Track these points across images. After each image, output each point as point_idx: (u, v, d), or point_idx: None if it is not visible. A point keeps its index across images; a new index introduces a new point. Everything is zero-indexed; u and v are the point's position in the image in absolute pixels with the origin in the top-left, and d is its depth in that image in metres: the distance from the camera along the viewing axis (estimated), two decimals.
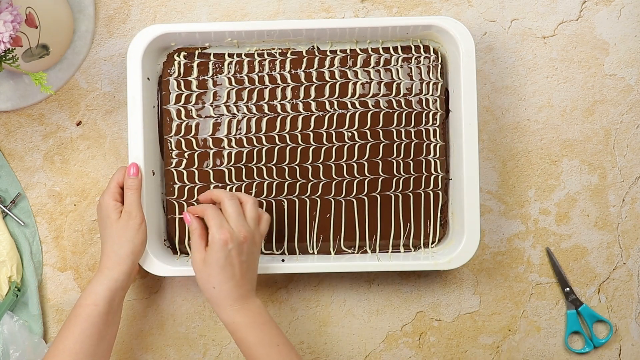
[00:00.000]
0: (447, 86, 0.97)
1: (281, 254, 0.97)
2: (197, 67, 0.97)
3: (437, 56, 0.97)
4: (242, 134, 0.96)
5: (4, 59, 0.83)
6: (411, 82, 0.96)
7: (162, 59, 0.97)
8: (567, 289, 1.00)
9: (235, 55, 0.97)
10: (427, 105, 0.96)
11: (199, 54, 0.97)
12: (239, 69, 0.97)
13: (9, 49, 0.81)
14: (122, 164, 1.00)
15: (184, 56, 0.97)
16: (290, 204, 0.96)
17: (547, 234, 1.01)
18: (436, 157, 0.96)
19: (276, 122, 0.96)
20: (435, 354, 1.01)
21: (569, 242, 1.01)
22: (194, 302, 1.01)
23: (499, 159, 1.01)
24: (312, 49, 0.97)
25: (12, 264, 0.97)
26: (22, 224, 0.99)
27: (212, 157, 0.96)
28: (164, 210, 0.98)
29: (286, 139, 0.96)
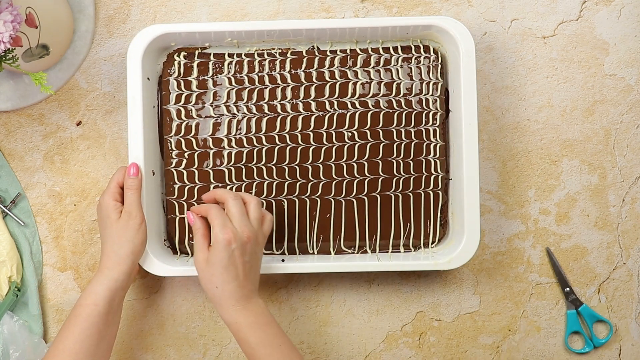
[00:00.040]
0: (447, 86, 0.97)
1: (281, 254, 0.97)
2: (197, 67, 0.97)
3: (437, 56, 0.97)
4: (242, 134, 0.96)
5: (4, 59, 0.83)
6: (411, 82, 0.96)
7: (162, 59, 0.97)
8: (567, 289, 1.00)
9: (235, 55, 0.97)
10: (427, 105, 0.96)
11: (199, 54, 0.97)
12: (239, 69, 0.97)
13: (9, 49, 0.81)
14: (122, 164, 1.00)
15: (184, 56, 0.97)
16: (290, 204, 0.96)
17: (547, 234, 1.01)
18: (436, 157, 0.96)
19: (276, 122, 0.96)
20: (435, 354, 1.01)
21: (569, 242, 1.01)
22: (194, 302, 1.01)
23: (499, 159, 1.01)
24: (312, 49, 0.97)
25: (12, 264, 0.97)
26: (22, 224, 0.99)
27: (212, 157, 0.96)
28: (164, 210, 0.98)
29: (286, 139, 0.96)
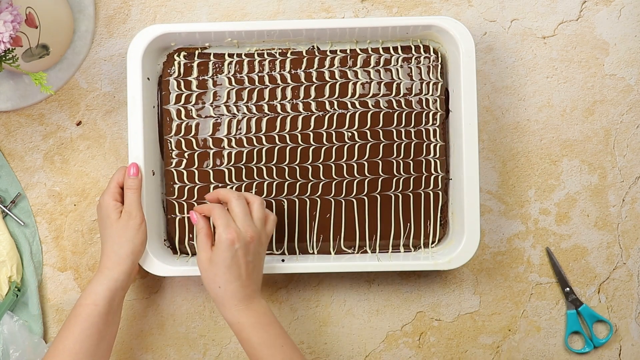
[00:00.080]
0: (447, 86, 0.97)
1: (281, 254, 0.97)
2: (197, 67, 0.97)
3: (437, 56, 0.97)
4: (242, 134, 0.96)
5: (4, 59, 0.83)
6: (411, 82, 0.96)
7: (162, 59, 0.97)
8: (567, 289, 1.00)
9: (235, 55, 0.97)
10: (427, 105, 0.96)
11: (199, 54, 0.97)
12: (239, 69, 0.97)
13: (9, 49, 0.81)
14: (122, 164, 1.00)
15: (184, 56, 0.97)
16: (290, 204, 0.96)
17: (547, 234, 1.01)
18: (436, 157, 0.96)
19: (276, 122, 0.96)
20: (435, 354, 1.01)
21: (569, 242, 1.01)
22: (194, 302, 1.01)
23: (499, 159, 1.01)
24: (312, 49, 0.97)
25: (12, 264, 0.97)
26: (22, 224, 0.99)
27: (212, 157, 0.96)
28: (164, 210, 0.98)
29: (286, 139, 0.96)
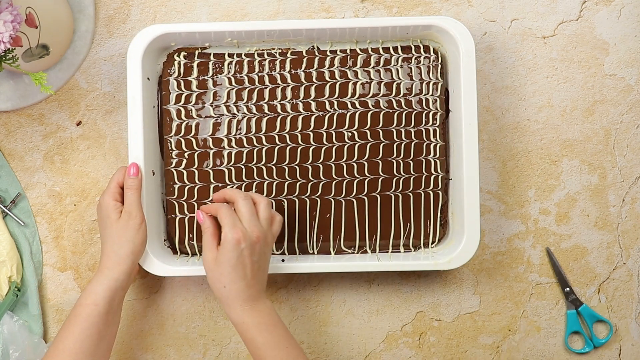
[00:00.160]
0: (447, 86, 0.97)
1: (281, 254, 0.97)
2: (197, 67, 0.97)
3: (437, 56, 0.97)
4: (242, 134, 0.96)
5: (4, 59, 0.83)
6: (411, 82, 0.96)
7: (162, 59, 0.97)
8: (567, 289, 1.00)
9: (235, 55, 0.97)
10: (427, 105, 0.96)
11: (199, 54, 0.97)
12: (239, 69, 0.97)
13: (9, 49, 0.81)
14: (122, 164, 1.00)
15: (184, 56, 0.97)
16: (290, 204, 0.96)
17: (547, 234, 1.01)
18: (436, 157, 0.96)
19: (276, 122, 0.96)
20: (435, 354, 1.01)
21: (569, 242, 1.01)
22: (194, 302, 1.01)
23: (499, 159, 1.01)
24: (312, 49, 0.97)
25: (12, 264, 0.97)
26: (22, 224, 0.99)
27: (212, 157, 0.96)
28: (164, 210, 0.98)
29: (286, 139, 0.96)
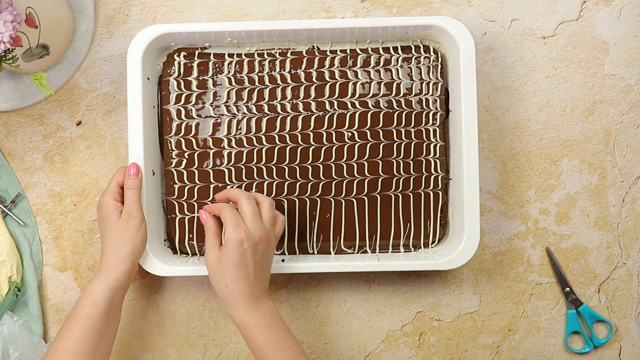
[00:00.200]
0: (447, 86, 0.97)
1: (281, 254, 0.97)
2: (197, 67, 0.97)
3: (437, 56, 0.97)
4: (242, 134, 0.96)
5: (4, 59, 0.83)
6: (411, 82, 0.96)
7: (162, 59, 0.97)
8: (567, 289, 1.00)
9: (235, 55, 0.97)
10: (427, 105, 0.96)
11: (199, 54, 0.97)
12: (239, 69, 0.97)
13: (9, 49, 0.81)
14: (122, 164, 1.00)
15: (184, 56, 0.97)
16: (290, 204, 0.96)
17: (547, 234, 1.01)
18: (436, 157, 0.96)
19: (276, 122, 0.96)
20: (435, 354, 1.01)
21: (569, 242, 1.01)
22: (194, 302, 1.01)
23: (499, 159, 1.01)
24: (312, 49, 0.97)
25: (12, 264, 0.97)
26: (22, 224, 0.99)
27: (212, 157, 0.96)
28: (164, 210, 0.98)
29: (286, 139, 0.96)
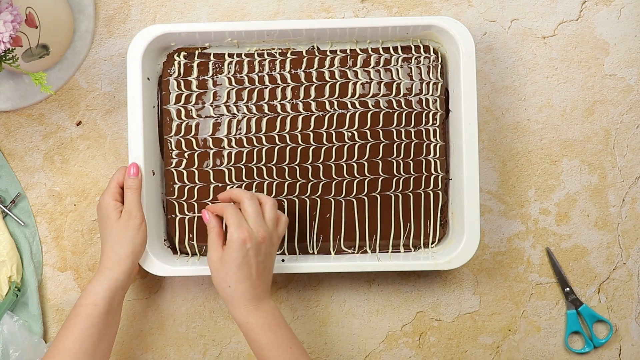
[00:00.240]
0: (447, 86, 0.97)
1: (281, 254, 0.97)
2: (197, 67, 0.97)
3: (437, 56, 0.97)
4: (242, 134, 0.96)
5: (4, 59, 0.83)
6: (411, 82, 0.96)
7: (162, 59, 0.97)
8: (567, 289, 1.00)
9: (235, 55, 0.97)
10: (427, 105, 0.96)
11: (199, 54, 0.97)
12: (239, 69, 0.97)
13: (9, 49, 0.81)
14: (122, 164, 1.00)
15: (184, 56, 0.97)
16: (290, 204, 0.96)
17: (547, 234, 1.01)
18: (436, 157, 0.96)
19: (276, 122, 0.96)
20: (435, 354, 1.01)
21: (569, 242, 1.01)
22: (194, 302, 1.01)
23: (499, 159, 1.01)
24: (312, 49, 0.97)
25: (12, 264, 0.97)
26: (22, 224, 0.99)
27: (212, 157, 0.96)
28: (164, 210, 0.98)
29: (286, 139, 0.96)
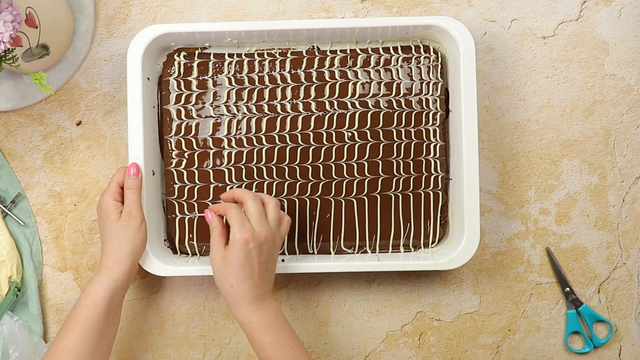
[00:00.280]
0: (447, 86, 0.97)
1: (281, 254, 0.97)
2: (197, 67, 0.97)
3: (437, 56, 0.97)
4: (242, 134, 0.96)
5: (4, 59, 0.83)
6: (411, 82, 0.96)
7: (162, 59, 0.97)
8: (567, 289, 1.00)
9: (235, 55, 0.97)
10: (427, 105, 0.96)
11: (199, 54, 0.97)
12: (239, 69, 0.97)
13: (9, 49, 0.81)
14: (122, 164, 1.00)
15: (184, 56, 0.97)
16: (290, 204, 0.96)
17: (547, 234, 1.01)
18: (436, 157, 0.96)
19: (276, 122, 0.96)
20: (435, 354, 1.01)
21: (569, 242, 1.01)
22: (194, 302, 1.01)
23: (499, 159, 1.01)
24: (312, 49, 0.97)
25: (12, 264, 0.97)
26: (22, 224, 0.99)
27: (212, 157, 0.96)
28: (164, 210, 0.98)
29: (286, 139, 0.96)
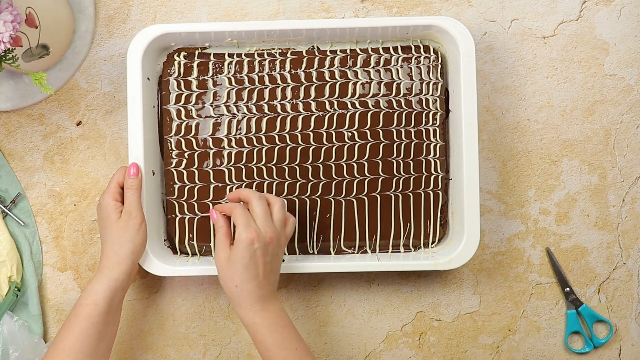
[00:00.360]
0: (447, 86, 0.97)
1: None
2: (197, 67, 0.97)
3: (437, 56, 0.97)
4: (242, 134, 0.96)
5: (4, 59, 0.83)
6: (411, 82, 0.96)
7: (162, 59, 0.97)
8: (567, 289, 1.00)
9: (235, 55, 0.97)
10: (427, 105, 0.96)
11: (199, 54, 0.97)
12: (239, 69, 0.97)
13: (9, 49, 0.81)
14: (122, 164, 1.00)
15: (184, 56, 0.97)
16: (290, 204, 0.96)
17: (547, 234, 1.01)
18: (436, 157, 0.96)
19: (276, 122, 0.96)
20: (435, 354, 1.01)
21: (569, 242, 1.01)
22: (194, 302, 1.01)
23: (499, 159, 1.01)
24: (312, 49, 0.97)
25: (12, 264, 0.97)
26: (22, 224, 0.99)
27: (212, 157, 0.96)
28: (164, 210, 0.98)
29: (286, 139, 0.96)
